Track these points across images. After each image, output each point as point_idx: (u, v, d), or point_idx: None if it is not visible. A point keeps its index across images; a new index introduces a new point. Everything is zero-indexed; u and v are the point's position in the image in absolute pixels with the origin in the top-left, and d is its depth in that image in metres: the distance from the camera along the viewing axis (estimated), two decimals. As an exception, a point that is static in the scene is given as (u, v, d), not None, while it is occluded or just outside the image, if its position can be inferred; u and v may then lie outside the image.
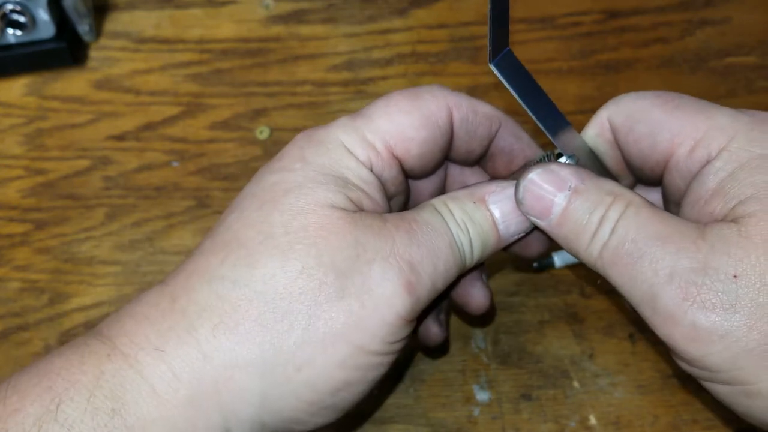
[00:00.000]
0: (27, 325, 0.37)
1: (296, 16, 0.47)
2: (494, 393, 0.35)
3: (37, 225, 0.40)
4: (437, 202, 0.22)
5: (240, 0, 0.48)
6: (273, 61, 0.46)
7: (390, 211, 0.22)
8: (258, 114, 0.44)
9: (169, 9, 0.48)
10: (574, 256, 0.23)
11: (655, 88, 0.44)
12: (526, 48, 0.46)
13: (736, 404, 0.23)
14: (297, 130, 0.43)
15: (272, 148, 0.42)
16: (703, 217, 0.22)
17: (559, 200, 0.21)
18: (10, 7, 0.42)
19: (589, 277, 0.37)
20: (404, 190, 0.24)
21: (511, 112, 0.28)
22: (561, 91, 0.44)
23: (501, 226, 0.22)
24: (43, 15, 0.42)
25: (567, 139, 0.24)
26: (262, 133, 0.43)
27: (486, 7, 0.47)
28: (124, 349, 0.20)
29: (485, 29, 0.47)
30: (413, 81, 0.45)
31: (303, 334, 0.19)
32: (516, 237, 0.23)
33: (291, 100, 0.44)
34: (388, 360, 0.21)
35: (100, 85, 0.45)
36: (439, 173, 0.24)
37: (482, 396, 0.35)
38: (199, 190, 0.41)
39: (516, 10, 0.48)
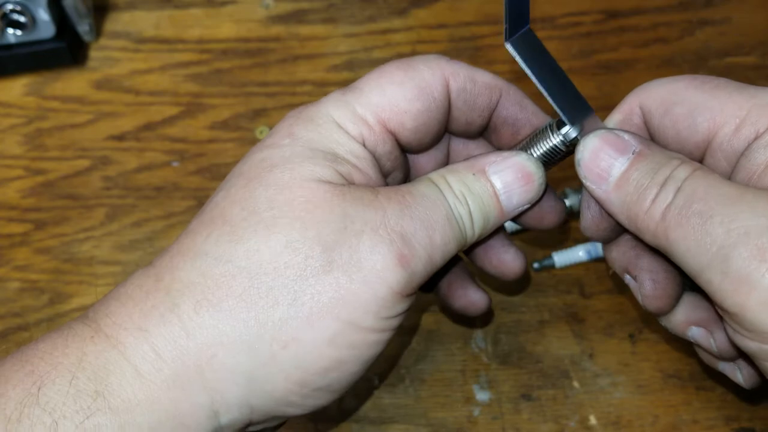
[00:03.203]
0: (27, 325, 0.37)
1: (296, 16, 0.47)
2: (494, 393, 0.35)
3: (37, 225, 0.40)
4: (434, 174, 0.21)
5: (240, 0, 0.48)
6: (273, 61, 0.46)
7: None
8: (258, 114, 0.44)
9: (168, 9, 0.48)
10: (631, 222, 0.21)
11: (655, 88, 0.44)
12: (526, 48, 0.46)
13: None
14: (297, 130, 0.43)
15: (272, 148, 0.42)
16: None
17: (620, 163, 0.21)
18: (10, 6, 0.42)
19: (586, 278, 0.38)
20: (401, 166, 0.22)
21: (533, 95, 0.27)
22: (561, 91, 0.44)
23: (503, 197, 0.21)
24: (43, 15, 0.42)
25: (589, 125, 0.23)
26: (262, 133, 0.43)
27: (486, 7, 0.47)
28: (107, 331, 0.19)
29: (485, 29, 0.47)
30: (413, 81, 0.45)
31: (288, 310, 0.18)
32: (520, 209, 0.22)
33: (291, 100, 0.44)
34: (383, 337, 0.20)
35: (100, 85, 0.45)
36: (441, 148, 0.23)
37: (482, 396, 0.35)
38: (199, 190, 0.41)
39: (516, 10, 0.48)
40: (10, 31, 0.43)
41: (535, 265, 0.38)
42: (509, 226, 0.30)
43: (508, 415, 0.34)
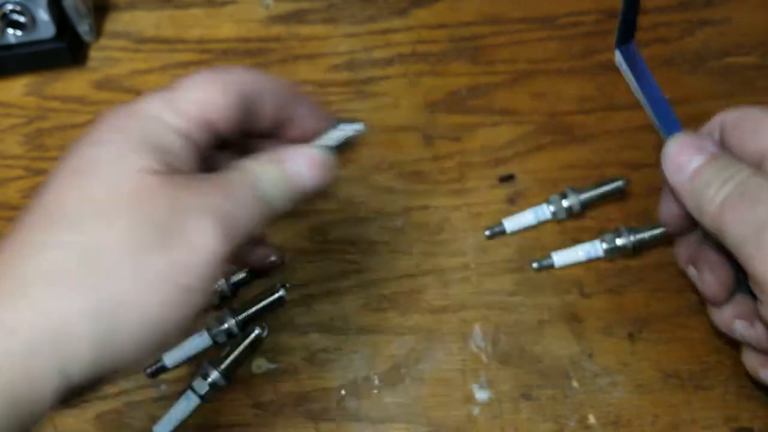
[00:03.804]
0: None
1: (296, 16, 0.47)
2: (494, 392, 0.35)
3: (38, 225, 0.40)
4: (243, 162, 0.25)
5: (240, 0, 0.48)
6: (273, 61, 0.46)
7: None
8: (258, 114, 0.44)
9: (169, 9, 0.48)
10: (696, 208, 0.26)
11: (655, 88, 0.44)
12: (527, 48, 0.46)
13: None
14: (297, 130, 0.43)
15: (272, 148, 0.43)
16: None
17: (696, 161, 0.26)
18: (10, 7, 0.42)
19: (585, 277, 0.38)
20: (215, 156, 0.27)
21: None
22: (561, 91, 0.44)
23: (298, 180, 0.26)
24: (43, 15, 0.42)
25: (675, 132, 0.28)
26: (263, 133, 0.43)
27: (486, 8, 0.47)
28: None
29: (485, 29, 0.47)
30: (414, 81, 0.45)
31: (133, 282, 0.22)
32: (311, 190, 0.26)
33: (291, 100, 0.44)
34: (206, 297, 0.24)
35: (101, 85, 0.45)
36: (244, 143, 0.27)
37: (482, 395, 0.35)
38: (200, 190, 0.41)
39: (516, 10, 0.48)
40: (10, 31, 0.43)
41: (534, 264, 0.38)
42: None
43: (508, 414, 0.34)
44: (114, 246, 0.22)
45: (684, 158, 0.27)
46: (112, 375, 0.23)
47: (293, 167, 0.25)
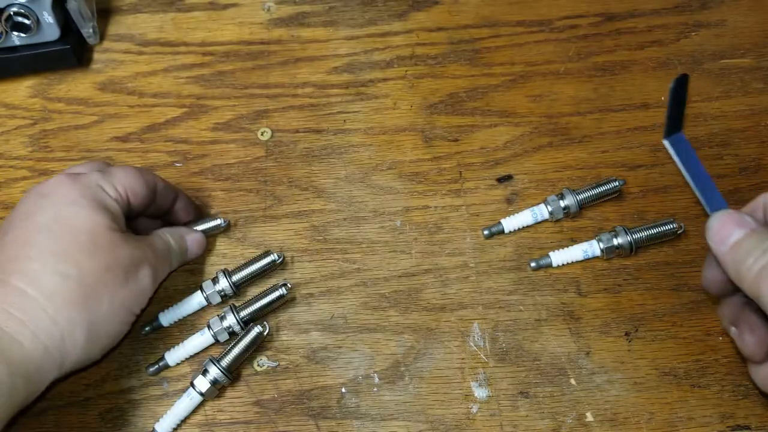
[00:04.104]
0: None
1: (297, 19, 0.48)
2: (492, 390, 0.35)
3: (42, 225, 0.40)
4: (161, 232, 0.37)
5: (242, 3, 0.49)
6: (274, 63, 0.46)
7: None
8: (259, 115, 0.44)
9: (171, 12, 0.48)
10: (737, 275, 0.29)
11: (651, 89, 0.45)
12: (524, 50, 0.46)
13: None
14: (298, 131, 0.44)
15: (274, 149, 0.43)
16: None
17: (737, 234, 0.29)
18: (15, 9, 0.42)
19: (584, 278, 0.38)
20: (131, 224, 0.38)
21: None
22: (558, 93, 0.44)
23: (190, 248, 0.38)
24: (47, 18, 0.43)
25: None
26: (264, 134, 0.44)
27: (484, 11, 0.48)
28: None
29: (483, 32, 0.48)
30: (413, 82, 0.45)
31: (108, 307, 0.32)
32: (194, 257, 0.39)
33: (292, 102, 0.45)
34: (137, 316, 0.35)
35: (104, 87, 0.45)
36: (152, 221, 0.39)
37: (480, 393, 0.35)
38: (202, 191, 0.42)
39: (514, 13, 0.48)
40: (15, 33, 0.43)
41: (533, 264, 0.38)
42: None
43: (506, 411, 0.35)
44: (97, 278, 0.32)
45: (726, 231, 0.30)
46: (78, 370, 0.34)
47: (188, 241, 0.38)
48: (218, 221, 0.39)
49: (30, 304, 0.30)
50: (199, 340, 0.36)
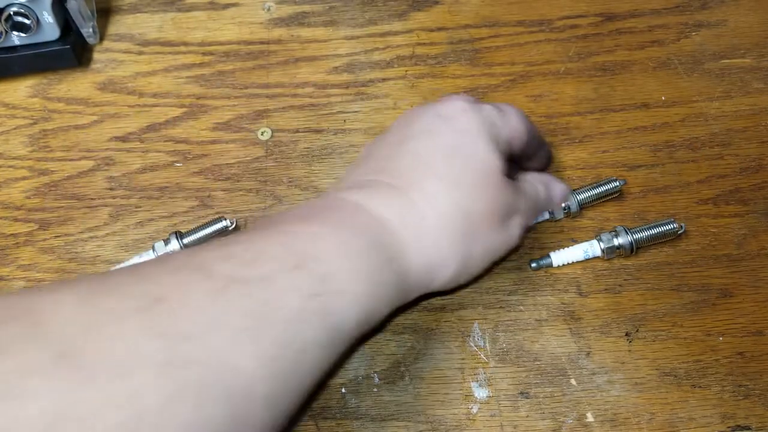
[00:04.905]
0: (32, 324, 0.37)
1: (297, 19, 0.48)
2: (492, 390, 0.35)
3: (42, 225, 0.40)
4: (531, 178, 0.36)
5: (242, 3, 0.49)
6: (274, 63, 0.46)
7: None
8: (260, 115, 0.44)
9: (172, 12, 0.48)
10: None
11: (651, 89, 0.45)
12: (524, 50, 0.46)
13: None
14: (298, 131, 0.44)
15: (274, 149, 0.43)
16: None
17: None
18: (14, 9, 0.42)
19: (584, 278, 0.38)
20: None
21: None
22: (558, 93, 0.44)
23: (556, 197, 0.37)
24: (47, 17, 0.43)
25: None
26: (264, 134, 0.44)
27: (485, 11, 0.48)
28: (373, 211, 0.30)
29: (484, 32, 0.48)
30: (413, 83, 0.45)
31: (481, 249, 0.32)
32: (558, 207, 0.38)
33: (292, 102, 0.45)
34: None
35: (104, 86, 0.45)
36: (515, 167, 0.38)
37: (481, 393, 0.35)
38: (202, 191, 0.42)
39: (514, 13, 0.48)
40: (15, 33, 0.43)
41: (533, 264, 0.38)
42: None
43: (506, 412, 0.35)
44: (482, 218, 0.31)
45: None
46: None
47: (555, 190, 0.37)
48: (225, 222, 0.38)
49: (424, 222, 0.30)
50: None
